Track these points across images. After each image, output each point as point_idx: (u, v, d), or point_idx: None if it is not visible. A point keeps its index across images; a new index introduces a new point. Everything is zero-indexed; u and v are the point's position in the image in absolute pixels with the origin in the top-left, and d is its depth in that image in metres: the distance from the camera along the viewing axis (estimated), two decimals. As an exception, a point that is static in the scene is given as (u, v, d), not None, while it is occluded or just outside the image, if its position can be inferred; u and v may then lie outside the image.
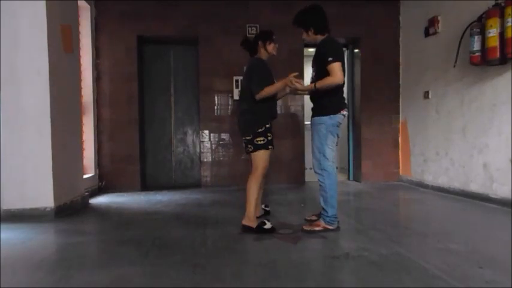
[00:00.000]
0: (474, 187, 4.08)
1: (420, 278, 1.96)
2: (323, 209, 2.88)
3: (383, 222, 3.19)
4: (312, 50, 4.02)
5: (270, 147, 2.98)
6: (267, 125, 2.98)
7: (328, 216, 2.86)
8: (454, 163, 4.43)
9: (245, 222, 2.92)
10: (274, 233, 2.82)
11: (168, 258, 2.36)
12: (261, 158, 2.96)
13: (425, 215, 3.64)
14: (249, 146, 2.98)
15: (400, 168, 5.60)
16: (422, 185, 5.01)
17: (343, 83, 2.83)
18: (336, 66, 2.71)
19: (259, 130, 2.94)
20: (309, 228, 2.87)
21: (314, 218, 3.13)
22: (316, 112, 2.94)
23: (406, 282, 1.92)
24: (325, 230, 2.85)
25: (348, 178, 5.91)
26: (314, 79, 2.92)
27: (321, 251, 2.45)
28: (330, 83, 2.75)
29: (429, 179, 4.90)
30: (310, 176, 5.61)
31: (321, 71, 2.82)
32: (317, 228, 2.85)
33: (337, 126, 2.88)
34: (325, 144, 2.85)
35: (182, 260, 2.32)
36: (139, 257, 2.37)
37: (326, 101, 2.87)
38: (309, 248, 2.52)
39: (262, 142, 2.93)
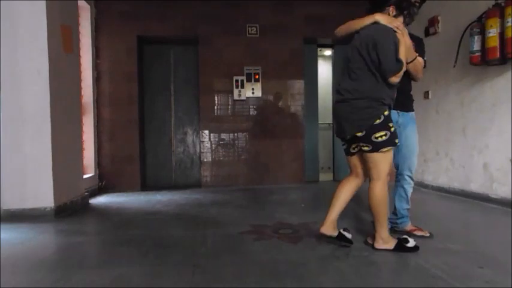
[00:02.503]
0: (474, 187, 4.08)
1: (420, 278, 1.96)
2: (408, 210, 2.72)
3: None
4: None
5: (396, 141, 2.31)
6: (386, 112, 2.27)
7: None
8: (454, 163, 4.43)
9: (378, 245, 2.37)
10: (417, 251, 2.33)
11: (168, 258, 2.35)
12: (384, 159, 2.29)
13: (425, 215, 3.64)
14: (365, 145, 2.29)
15: (400, 168, 5.58)
16: (422, 185, 5.01)
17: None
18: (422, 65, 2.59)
19: (377, 122, 2.25)
20: (420, 234, 2.64)
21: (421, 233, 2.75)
22: (410, 107, 2.68)
23: (406, 282, 1.92)
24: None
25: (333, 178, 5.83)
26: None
27: (321, 251, 2.44)
28: (419, 71, 2.57)
29: (429, 179, 4.90)
30: (309, 176, 5.63)
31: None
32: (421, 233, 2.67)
33: None
34: None
35: (182, 260, 2.32)
36: (139, 257, 2.37)
37: (411, 96, 2.72)
38: (309, 248, 2.51)
39: (384, 138, 2.24)
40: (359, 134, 2.28)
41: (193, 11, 5.27)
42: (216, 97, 5.38)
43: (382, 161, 2.29)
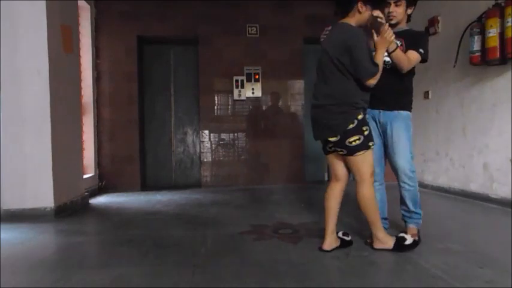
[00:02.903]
0: (474, 187, 4.08)
1: (420, 278, 1.96)
2: (414, 212, 2.60)
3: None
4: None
5: (370, 144, 2.29)
6: (360, 116, 2.26)
7: (420, 218, 2.62)
8: (454, 163, 4.43)
9: (377, 245, 2.36)
10: (415, 247, 2.35)
11: (168, 258, 2.35)
12: (362, 162, 2.29)
13: (425, 215, 3.62)
14: (340, 150, 2.31)
15: (400, 168, 5.58)
16: (422, 185, 5.00)
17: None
18: (416, 58, 2.46)
19: (351, 126, 2.23)
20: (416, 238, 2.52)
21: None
22: (404, 106, 2.55)
23: (406, 282, 1.92)
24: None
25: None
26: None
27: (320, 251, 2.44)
28: (402, 62, 2.41)
29: (429, 179, 4.90)
30: (309, 176, 5.62)
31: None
32: (417, 236, 2.56)
33: None
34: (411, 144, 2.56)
35: (182, 260, 2.31)
36: (139, 257, 2.37)
37: (411, 95, 2.61)
38: (309, 248, 2.51)
39: (358, 142, 2.24)
40: (333, 139, 2.27)
41: (193, 11, 5.27)
42: (216, 97, 5.38)
43: (361, 163, 2.28)
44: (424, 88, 4.95)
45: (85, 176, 4.52)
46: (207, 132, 5.39)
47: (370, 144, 2.28)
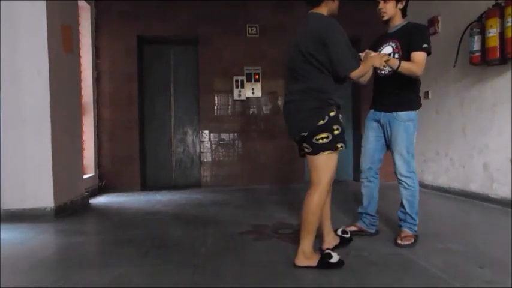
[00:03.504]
0: (474, 187, 4.08)
1: (420, 278, 1.96)
2: (409, 216, 2.55)
3: (383, 222, 3.19)
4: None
5: (339, 146, 2.12)
6: (332, 113, 2.12)
7: (416, 225, 2.57)
8: (454, 163, 4.43)
9: (299, 262, 2.11)
10: (341, 266, 2.11)
11: (168, 258, 2.35)
12: (324, 164, 2.12)
13: (425, 215, 3.63)
14: (306, 146, 2.16)
15: (400, 168, 5.59)
16: (422, 185, 5.00)
17: (417, 80, 2.57)
18: (424, 57, 2.43)
19: (321, 122, 2.11)
20: (408, 243, 2.48)
21: (354, 228, 2.75)
22: (402, 106, 2.53)
23: (406, 282, 1.92)
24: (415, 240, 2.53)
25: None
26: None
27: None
28: (411, 70, 2.40)
29: (429, 179, 4.90)
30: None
31: (407, 59, 2.46)
32: (413, 241, 2.51)
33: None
34: (414, 144, 2.54)
35: (182, 260, 2.32)
36: (139, 257, 2.37)
37: (413, 94, 2.57)
38: (309, 248, 2.51)
39: (325, 140, 2.10)
40: (303, 134, 2.14)
41: (193, 11, 5.27)
42: (216, 97, 5.38)
43: (323, 165, 2.11)
44: (424, 88, 4.94)
45: (85, 176, 4.52)
46: (207, 132, 5.39)
47: (339, 145, 2.11)
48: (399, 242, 2.49)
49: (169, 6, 5.22)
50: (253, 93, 5.37)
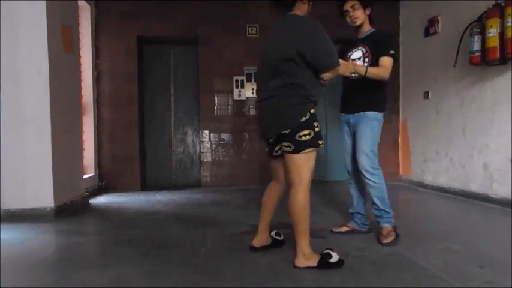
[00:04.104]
0: (474, 187, 4.08)
1: (420, 278, 1.96)
2: (384, 211, 2.62)
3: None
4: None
5: (320, 142, 2.13)
6: (312, 110, 2.13)
7: (392, 217, 2.64)
8: (454, 163, 4.43)
9: (299, 263, 2.11)
10: (342, 266, 2.11)
11: (168, 258, 2.36)
12: (305, 162, 2.11)
13: (426, 215, 3.64)
14: (287, 145, 2.12)
15: (400, 168, 5.60)
16: (422, 185, 5.01)
17: (384, 84, 2.67)
18: (390, 62, 2.56)
19: (303, 119, 2.09)
20: (389, 240, 2.53)
21: (345, 229, 2.84)
22: (370, 107, 2.63)
23: (406, 282, 1.92)
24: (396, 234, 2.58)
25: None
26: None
27: (320, 251, 2.44)
28: (378, 75, 2.54)
29: (429, 179, 4.90)
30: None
31: (377, 63, 2.58)
32: (394, 235, 2.57)
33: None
34: (377, 143, 2.64)
35: (182, 260, 2.32)
36: (139, 257, 2.37)
37: (380, 96, 2.68)
38: (309, 248, 2.51)
39: (308, 137, 2.09)
40: (285, 132, 2.10)
41: (193, 11, 5.26)
42: (216, 97, 5.38)
43: (305, 163, 2.10)
44: (424, 88, 4.96)
45: (85, 176, 4.52)
46: (207, 132, 5.39)
47: (320, 142, 2.12)
48: (383, 241, 2.54)
49: (169, 6, 5.22)
50: (253, 93, 5.36)
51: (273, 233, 2.51)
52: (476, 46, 3.71)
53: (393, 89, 5.56)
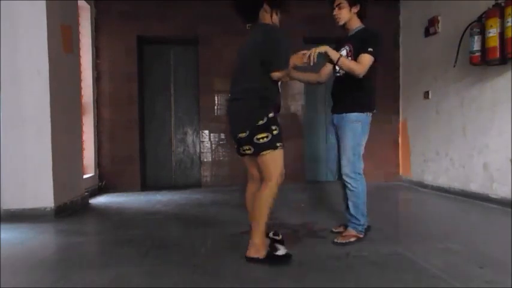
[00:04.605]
0: (474, 187, 4.08)
1: (420, 278, 1.96)
2: (353, 216, 2.62)
3: (383, 222, 3.19)
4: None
5: (279, 145, 2.23)
6: (270, 114, 2.23)
7: (360, 225, 2.62)
8: (454, 163, 4.43)
9: (250, 253, 2.22)
10: (288, 260, 2.22)
11: (168, 258, 2.36)
12: (271, 161, 2.22)
13: (426, 215, 3.64)
14: (247, 147, 2.25)
15: (400, 168, 5.60)
16: (422, 185, 5.01)
17: (370, 83, 2.64)
18: (368, 59, 2.49)
19: (260, 122, 2.20)
20: (343, 241, 2.55)
21: (342, 229, 2.81)
22: (350, 108, 2.61)
23: (406, 282, 1.92)
24: (359, 239, 2.58)
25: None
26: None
27: (321, 251, 2.44)
28: (352, 68, 2.47)
29: (429, 179, 4.90)
30: (310, 176, 5.63)
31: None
32: (352, 239, 2.56)
33: (369, 125, 2.68)
34: (361, 145, 2.62)
35: (182, 260, 2.32)
36: (139, 257, 2.37)
37: (363, 97, 2.63)
38: (309, 248, 2.52)
39: (265, 140, 2.19)
40: (242, 135, 2.22)
41: (193, 11, 5.26)
42: (216, 97, 5.38)
43: (270, 162, 2.21)
44: (424, 88, 4.96)
45: (85, 176, 4.52)
46: (207, 132, 5.39)
47: (278, 144, 2.22)
48: (336, 239, 2.58)
49: (169, 6, 5.22)
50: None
51: (270, 234, 2.49)
52: (476, 46, 3.71)
53: (393, 89, 5.57)
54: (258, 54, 2.22)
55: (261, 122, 2.18)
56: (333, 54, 2.49)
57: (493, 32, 3.50)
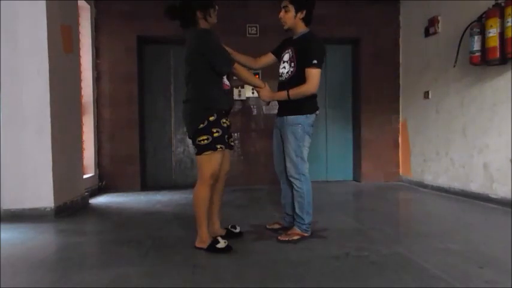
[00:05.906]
0: (474, 187, 4.08)
1: (420, 278, 1.96)
2: (299, 216, 2.67)
3: (383, 222, 3.19)
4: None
5: (218, 147, 2.40)
6: (212, 118, 2.40)
7: (304, 224, 2.67)
8: (454, 163, 4.43)
9: (196, 243, 2.49)
10: (231, 251, 2.40)
11: (168, 258, 2.36)
12: (206, 162, 2.41)
13: (425, 215, 3.64)
14: (194, 147, 2.49)
15: (400, 168, 5.60)
16: (422, 185, 5.01)
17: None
18: (316, 74, 2.55)
19: (201, 126, 2.39)
20: (286, 239, 2.62)
21: (277, 226, 2.95)
22: (290, 111, 2.66)
23: (406, 282, 1.92)
24: (303, 237, 2.65)
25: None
26: (293, 74, 2.65)
27: (320, 251, 2.44)
28: (305, 92, 2.57)
29: (429, 179, 4.90)
30: (310, 176, 5.62)
31: (301, 70, 2.59)
32: (295, 237, 2.63)
33: (312, 126, 2.70)
34: (303, 146, 2.64)
35: (182, 260, 2.32)
36: (139, 257, 2.37)
37: (303, 100, 2.63)
38: (309, 248, 2.52)
39: (206, 141, 2.38)
40: (190, 137, 2.48)
41: (193, 11, 5.25)
42: (216, 97, 5.37)
43: (204, 163, 2.41)
44: (424, 88, 4.96)
45: (85, 176, 4.52)
46: (207, 132, 5.38)
47: (218, 146, 2.40)
48: (280, 237, 2.67)
49: (169, 6, 5.21)
50: (253, 93, 5.35)
51: (229, 226, 2.76)
52: (476, 46, 3.71)
53: (393, 89, 5.57)
54: (196, 59, 2.48)
55: (201, 126, 2.38)
56: (281, 96, 2.66)
57: (493, 32, 3.50)
